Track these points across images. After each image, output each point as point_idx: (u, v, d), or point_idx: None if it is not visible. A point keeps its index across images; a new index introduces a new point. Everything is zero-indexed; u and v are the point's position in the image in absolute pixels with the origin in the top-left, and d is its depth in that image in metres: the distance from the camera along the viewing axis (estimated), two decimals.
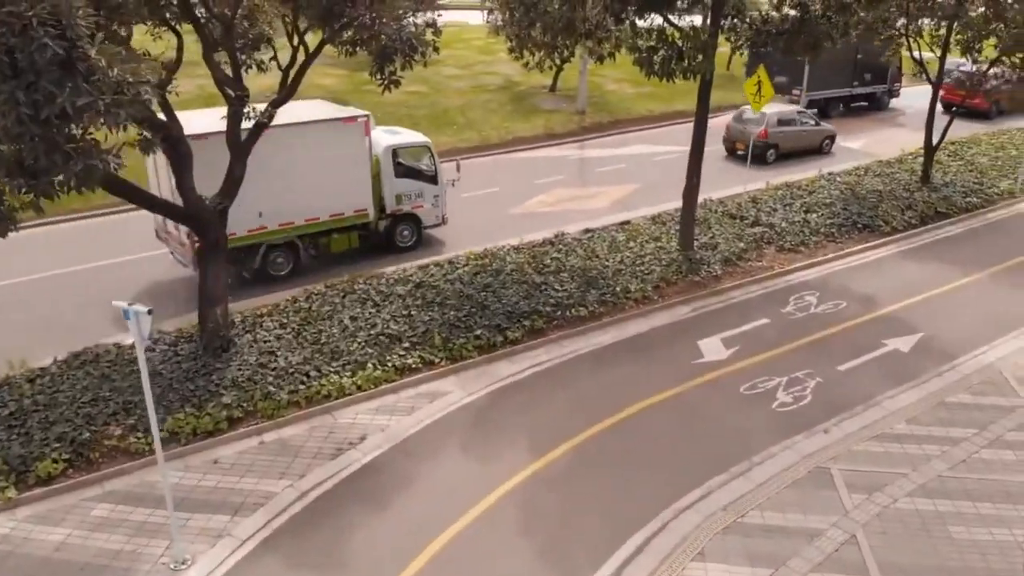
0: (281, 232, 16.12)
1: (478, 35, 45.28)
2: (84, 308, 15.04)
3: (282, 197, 15.68)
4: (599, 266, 16.88)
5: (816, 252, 18.53)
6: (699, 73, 14.05)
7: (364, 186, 16.91)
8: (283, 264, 16.57)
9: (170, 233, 15.89)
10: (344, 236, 17.15)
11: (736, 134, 26.51)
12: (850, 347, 14.24)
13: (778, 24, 16.42)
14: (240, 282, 16.04)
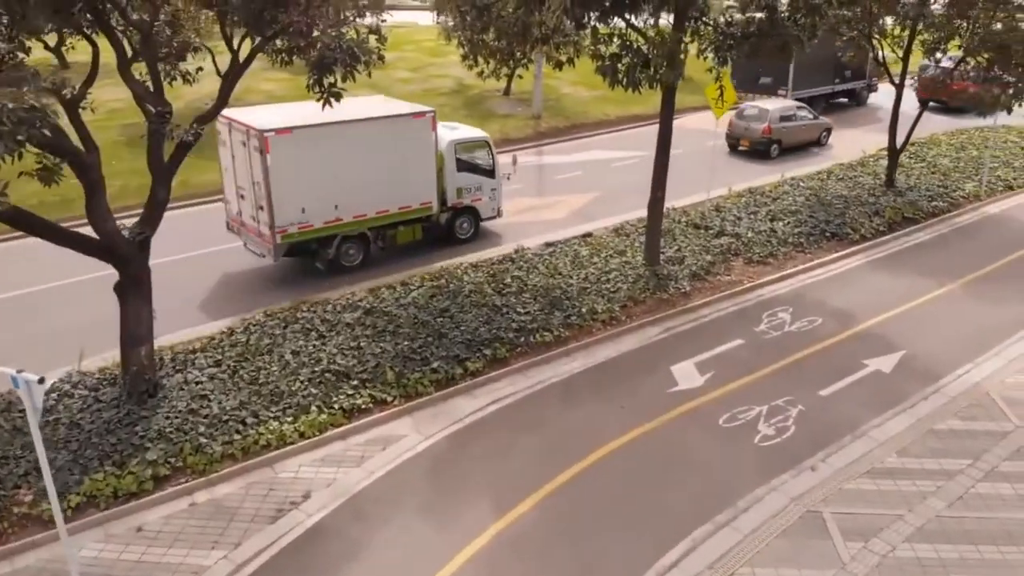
0: (354, 224, 16.53)
1: (429, 36, 44.05)
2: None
3: (356, 190, 16.15)
4: (563, 284, 15.86)
5: (785, 264, 17.79)
6: (667, 83, 13.11)
7: (430, 179, 17.43)
8: (355, 255, 16.98)
9: (245, 224, 16.43)
10: (409, 228, 17.57)
11: (739, 131, 26.84)
12: (830, 369, 13.45)
13: (743, 27, 15.59)
14: (309, 273, 16.72)
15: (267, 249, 15.82)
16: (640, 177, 24.68)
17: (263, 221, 15.45)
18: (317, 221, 15.82)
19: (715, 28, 15.77)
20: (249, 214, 15.96)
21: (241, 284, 16.55)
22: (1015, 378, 13.17)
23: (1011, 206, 22.31)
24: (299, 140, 14.75)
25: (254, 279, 16.82)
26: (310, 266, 16.88)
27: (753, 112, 27.19)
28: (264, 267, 17.07)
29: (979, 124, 28.09)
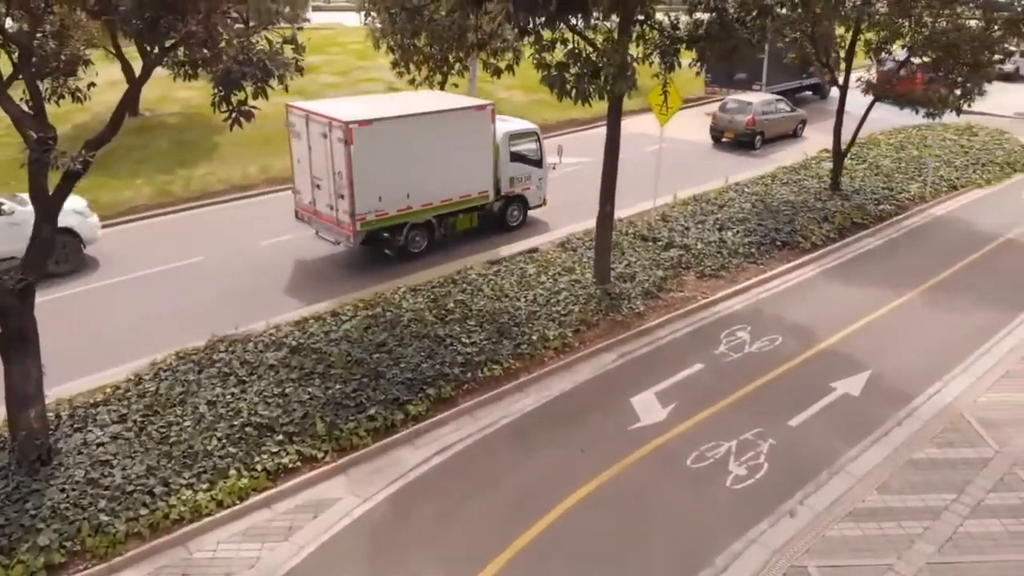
0: (422, 212, 17.30)
1: (356, 38, 42.35)
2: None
3: (424, 179, 16.85)
4: (510, 308, 14.71)
5: (738, 277, 17.02)
6: (618, 94, 12.09)
7: (488, 169, 18.22)
8: (420, 242, 17.72)
9: (319, 213, 17.11)
10: (468, 216, 18.41)
11: (724, 124, 28.13)
12: (797, 394, 12.65)
13: (691, 30, 14.71)
14: (377, 261, 17.39)
15: (345, 236, 16.60)
16: (583, 185, 23.79)
17: (343, 209, 16.15)
18: (391, 209, 16.65)
19: (661, 32, 14.89)
20: (325, 203, 16.63)
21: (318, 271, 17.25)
22: (987, 397, 12.59)
23: (956, 207, 22.14)
24: (377, 132, 15.54)
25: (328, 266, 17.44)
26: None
27: (736, 105, 28.25)
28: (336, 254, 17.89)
29: (916, 122, 28.07)
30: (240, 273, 16.93)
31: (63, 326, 13.80)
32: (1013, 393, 12.66)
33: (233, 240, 18.86)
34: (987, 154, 26.20)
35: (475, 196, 18.17)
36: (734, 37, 14.31)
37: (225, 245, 18.53)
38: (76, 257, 16.86)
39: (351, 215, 16.05)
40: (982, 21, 18.74)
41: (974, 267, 17.81)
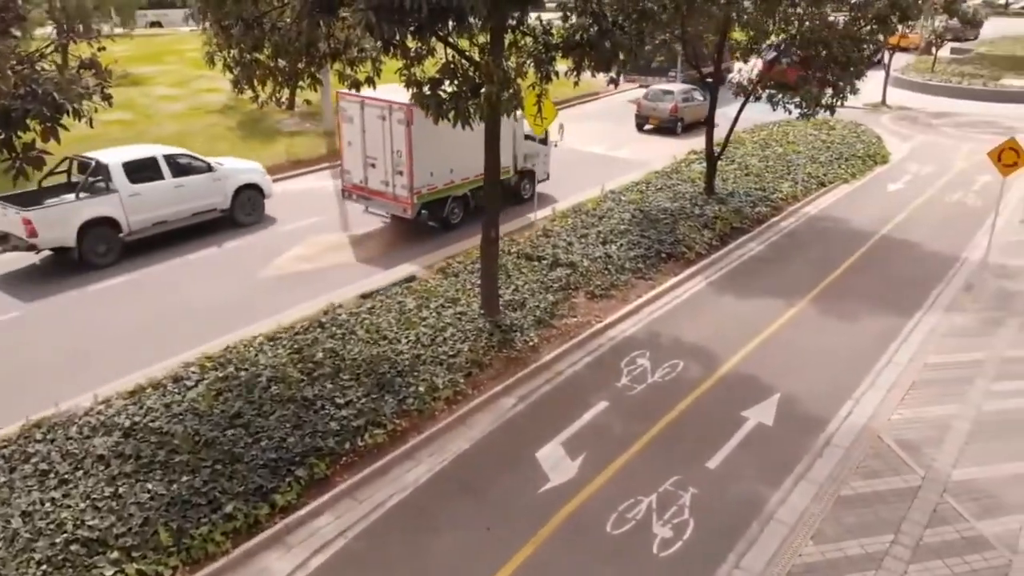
0: (462, 186, 19.11)
1: (195, 46, 38.84)
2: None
3: (464, 157, 18.04)
4: (390, 353, 12.96)
5: (629, 295, 16.03)
6: (507, 113, 10.60)
7: (509, 147, 19.48)
8: (459, 213, 19.50)
9: (372, 190, 18.73)
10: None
11: (648, 110, 30.36)
12: (709, 429, 11.67)
13: (566, 36, 13.45)
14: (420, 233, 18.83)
15: (402, 209, 18.33)
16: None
17: (400, 185, 17.87)
18: (439, 183, 18.46)
19: (535, 38, 13.55)
20: (380, 180, 18.28)
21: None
22: (899, 413, 12.08)
23: (828, 204, 22.26)
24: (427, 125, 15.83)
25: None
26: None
27: (659, 93, 30.36)
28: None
29: (776, 119, 28.46)
30: (63, 330, 14.26)
31: None
32: (923, 407, 12.23)
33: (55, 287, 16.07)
34: (848, 148, 26.79)
35: (501, 171, 18.60)
36: (615, 43, 13.17)
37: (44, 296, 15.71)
38: (261, 210, 20.44)
39: (410, 189, 17.85)
40: (849, 17, 18.63)
41: (857, 268, 17.68)
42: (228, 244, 18.84)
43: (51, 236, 16.35)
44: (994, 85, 38.66)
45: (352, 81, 12.61)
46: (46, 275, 16.84)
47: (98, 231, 17.00)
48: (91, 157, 17.42)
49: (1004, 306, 15.62)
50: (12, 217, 16.14)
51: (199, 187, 18.77)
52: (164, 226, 18.32)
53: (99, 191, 17.24)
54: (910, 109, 35.65)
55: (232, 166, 20.02)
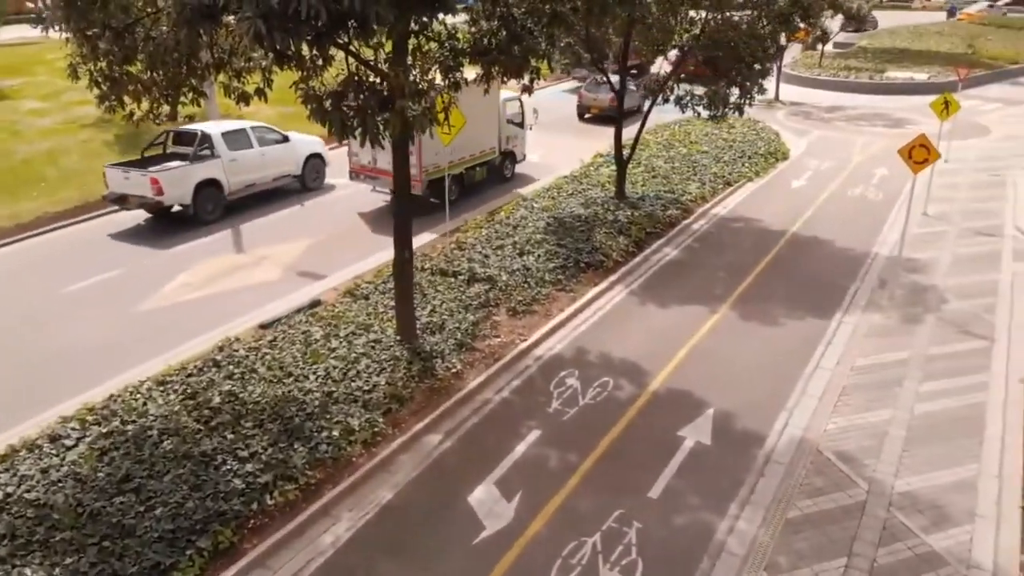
0: (459, 165, 20.88)
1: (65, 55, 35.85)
2: None
3: (461, 139, 19.47)
4: (297, 392, 11.78)
5: (552, 309, 15.34)
6: (420, 131, 9.59)
7: (495, 130, 22.27)
8: (456, 190, 20.87)
9: (380, 170, 19.98)
10: (482, 168, 22.30)
11: (588, 100, 31.90)
12: (647, 453, 11.07)
13: (476, 41, 12.62)
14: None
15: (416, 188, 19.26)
16: (357, 208, 21.16)
17: (411, 164, 18.66)
18: (443, 163, 19.94)
19: (440, 44, 12.65)
20: (388, 161, 18.02)
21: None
22: (834, 422, 11.83)
23: (736, 204, 22.26)
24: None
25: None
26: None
27: (601, 84, 29.80)
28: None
29: (677, 118, 28.49)
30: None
31: None
32: (857, 414, 12.02)
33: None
34: (750, 146, 27.02)
35: (488, 151, 22.33)
36: (528, 47, 12.42)
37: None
38: (323, 176, 23.42)
39: (420, 168, 19.40)
40: (751, 16, 18.52)
41: (772, 269, 17.58)
42: (106, 274, 17.04)
43: (174, 194, 19.22)
44: (880, 78, 40.22)
45: (239, 94, 11.35)
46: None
47: (208, 191, 19.88)
48: (193, 128, 20.19)
49: (919, 301, 15.77)
50: (136, 179, 18.93)
51: (278, 155, 21.67)
52: (253, 188, 21.16)
53: (206, 157, 19.97)
54: (803, 104, 36.59)
55: (299, 138, 22.56)
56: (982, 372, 13.11)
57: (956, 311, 15.34)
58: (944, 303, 15.73)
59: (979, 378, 12.93)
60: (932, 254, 18.28)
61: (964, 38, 51.18)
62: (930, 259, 17.99)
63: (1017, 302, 15.55)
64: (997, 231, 19.71)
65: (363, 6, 7.33)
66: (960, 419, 11.83)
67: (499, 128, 22.52)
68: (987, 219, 20.61)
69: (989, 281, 16.69)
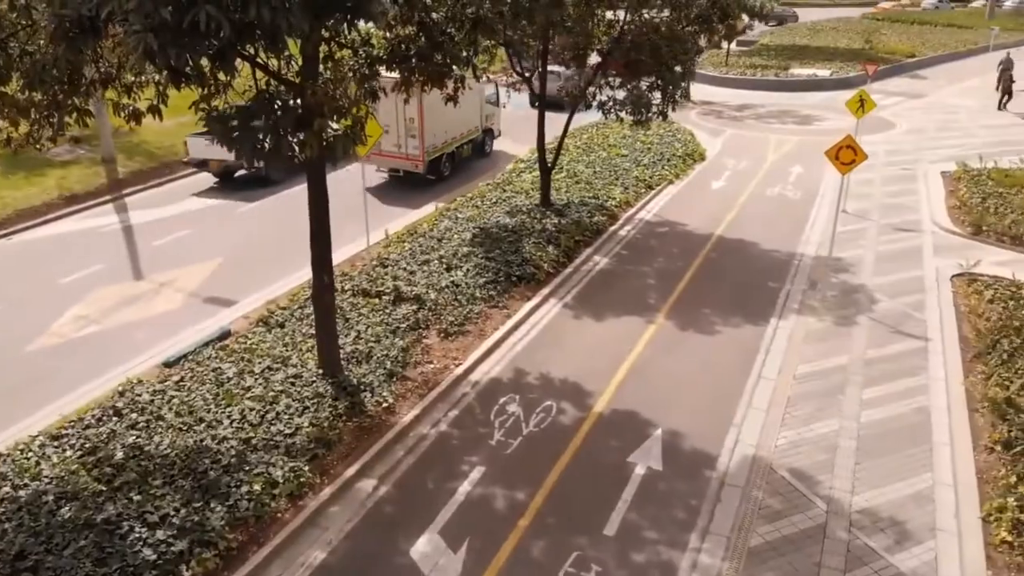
0: (449, 144, 23.77)
1: None
2: None
3: (453, 122, 23.16)
4: (211, 441, 10.63)
5: (486, 328, 14.57)
6: (345, 151, 8.59)
7: (478, 110, 25.03)
8: (448, 166, 24.03)
9: (384, 153, 22.34)
10: (468, 146, 25.09)
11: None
12: (598, 484, 10.45)
13: (393, 48, 11.74)
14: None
15: (413, 165, 22.50)
16: (274, 224, 19.94)
17: (413, 146, 22.18)
18: (439, 143, 22.84)
19: (354, 51, 11.72)
20: (392, 144, 22.03)
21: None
22: (783, 436, 11.49)
23: (660, 208, 21.98)
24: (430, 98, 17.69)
25: None
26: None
27: (550, 73, 32.64)
28: None
29: (594, 120, 28.18)
30: None
31: None
32: (805, 426, 11.73)
33: None
34: (668, 147, 26.89)
35: (473, 130, 25.12)
36: (448, 54, 11.62)
37: None
38: None
39: (422, 149, 22.23)
40: (671, 18, 18.19)
41: (702, 275, 17.30)
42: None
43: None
44: (785, 75, 41.07)
45: (131, 112, 10.10)
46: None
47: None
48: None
49: (851, 302, 15.74)
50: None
51: None
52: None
53: None
54: (713, 103, 36.90)
55: None
56: (920, 374, 13.06)
57: (887, 311, 15.36)
58: (874, 303, 15.74)
59: (919, 380, 12.87)
60: (856, 252, 18.39)
61: (861, 33, 52.99)
62: (855, 257, 18.08)
63: (944, 299, 15.70)
64: (915, 226, 20.06)
65: (273, 15, 6.36)
66: (907, 425, 11.68)
67: (481, 108, 25.22)
68: (904, 214, 20.98)
69: (914, 278, 16.84)
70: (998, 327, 13.77)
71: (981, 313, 14.58)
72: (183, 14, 6.21)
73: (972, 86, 40.41)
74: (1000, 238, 18.57)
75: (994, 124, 31.99)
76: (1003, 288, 15.53)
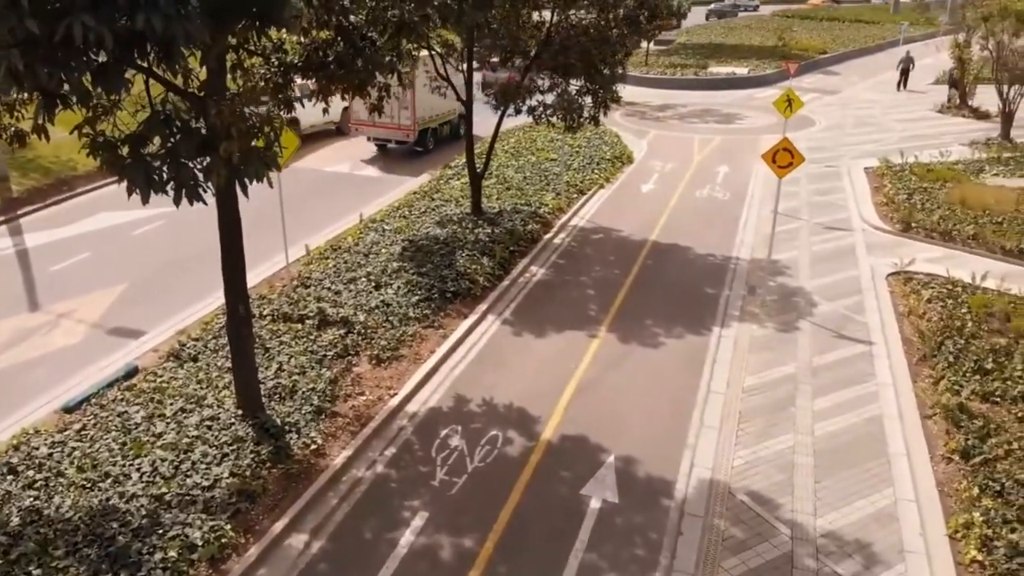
0: (433, 121, 27.00)
1: None
2: None
3: (439, 103, 25.57)
4: (119, 499, 9.45)
5: (421, 351, 13.69)
6: (258, 178, 7.52)
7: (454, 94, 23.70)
8: (431, 141, 27.15)
9: (378, 124, 24.09)
10: (447, 126, 28.23)
11: (491, 79, 32.57)
12: (552, 523, 9.73)
13: (309, 55, 10.75)
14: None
15: (404, 135, 26.08)
16: (181, 245, 18.48)
17: (405, 118, 25.61)
18: (426, 117, 26.34)
19: (266, 59, 10.69)
20: (387, 115, 20.14)
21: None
22: (739, 455, 11.02)
23: (592, 213, 21.49)
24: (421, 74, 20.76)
25: None
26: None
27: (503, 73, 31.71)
28: None
29: (520, 123, 27.54)
30: None
31: None
32: (760, 443, 11.29)
33: None
34: (596, 150, 26.49)
35: (451, 111, 27.32)
36: (371, 61, 10.69)
37: None
38: None
39: (414, 120, 25.43)
40: (597, 19, 17.63)
41: (641, 282, 16.82)
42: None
43: None
44: (704, 74, 41.34)
45: (13, 133, 8.83)
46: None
47: None
48: None
49: (791, 307, 15.50)
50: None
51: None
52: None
53: None
54: (636, 104, 36.77)
55: None
56: (869, 380, 12.83)
57: (828, 314, 15.17)
58: (814, 306, 15.54)
59: (868, 388, 12.63)
60: (791, 253, 18.25)
61: (773, 31, 54.04)
62: (790, 259, 17.93)
63: (883, 299, 15.62)
64: (846, 224, 20.11)
65: (166, 25, 5.35)
66: (861, 437, 11.38)
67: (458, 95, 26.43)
68: (833, 213, 21.04)
69: (851, 278, 16.76)
70: (940, 328, 13.68)
71: (922, 314, 14.51)
72: (54, 27, 5.14)
73: (884, 80, 41.58)
74: (929, 234, 18.73)
75: (909, 118, 32.84)
76: (939, 286, 15.54)
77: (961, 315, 14.13)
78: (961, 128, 30.32)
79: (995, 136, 27.62)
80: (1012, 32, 25.62)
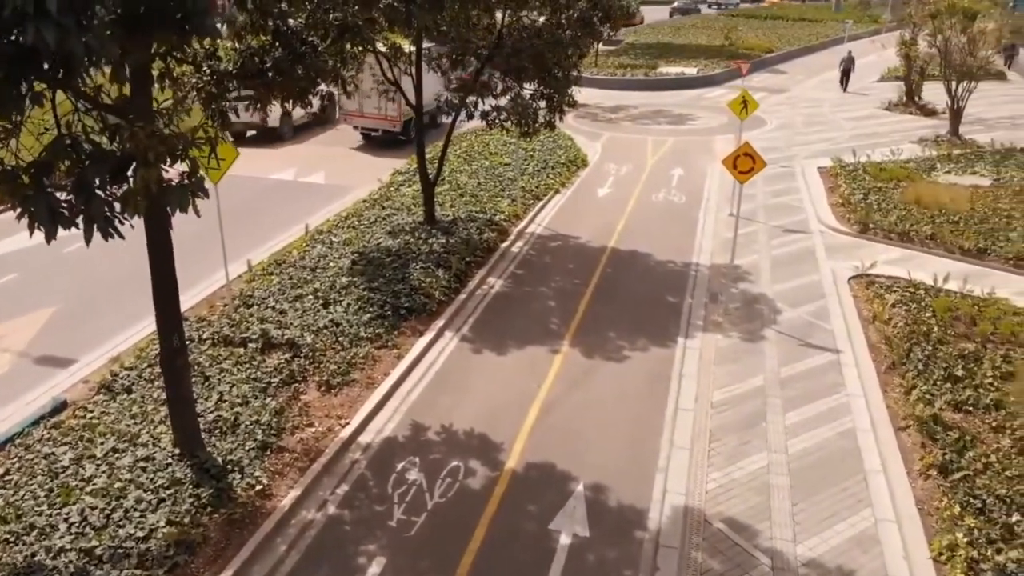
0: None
1: None
2: None
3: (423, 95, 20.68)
4: (44, 555, 8.55)
5: (375, 374, 12.92)
6: (182, 208, 6.65)
7: (435, 88, 23.12)
8: (412, 131, 24.77)
9: (365, 115, 27.31)
10: (428, 117, 25.14)
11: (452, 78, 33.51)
12: (520, 564, 9.10)
13: (245, 62, 9.94)
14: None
15: (391, 124, 27.24)
16: (115, 264, 17.32)
17: (392, 109, 26.04)
18: (406, 111, 25.66)
19: (197, 67, 9.85)
20: (373, 107, 26.27)
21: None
22: (712, 478, 10.53)
23: (549, 219, 20.91)
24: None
25: None
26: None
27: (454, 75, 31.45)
28: None
29: (472, 127, 26.85)
30: None
31: None
32: (733, 464, 10.82)
33: None
34: (550, 154, 25.93)
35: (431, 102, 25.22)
36: (312, 68, 9.93)
37: None
38: None
39: (399, 112, 26.38)
40: (550, 21, 17.05)
41: (602, 293, 16.29)
42: None
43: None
44: (654, 74, 41.14)
45: None
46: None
47: None
48: None
49: (755, 315, 15.14)
50: None
51: None
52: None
53: None
54: (587, 105, 36.21)
55: None
56: (839, 391, 12.50)
57: (792, 321, 14.85)
58: (778, 313, 15.21)
59: (839, 399, 12.28)
60: (751, 258, 17.93)
61: (720, 31, 54.25)
62: (750, 264, 17.61)
63: (846, 304, 15.36)
64: (803, 226, 19.90)
65: (61, 39, 4.54)
66: (836, 452, 11.00)
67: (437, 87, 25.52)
68: (790, 215, 20.83)
69: (813, 283, 16.49)
70: (907, 333, 13.43)
71: (887, 319, 14.25)
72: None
73: (829, 79, 41.91)
74: (887, 235, 18.61)
75: (857, 116, 33.05)
76: (902, 290, 15.34)
77: (926, 319, 13.91)
78: (909, 125, 30.59)
79: (944, 133, 27.87)
80: (960, 29, 25.80)
